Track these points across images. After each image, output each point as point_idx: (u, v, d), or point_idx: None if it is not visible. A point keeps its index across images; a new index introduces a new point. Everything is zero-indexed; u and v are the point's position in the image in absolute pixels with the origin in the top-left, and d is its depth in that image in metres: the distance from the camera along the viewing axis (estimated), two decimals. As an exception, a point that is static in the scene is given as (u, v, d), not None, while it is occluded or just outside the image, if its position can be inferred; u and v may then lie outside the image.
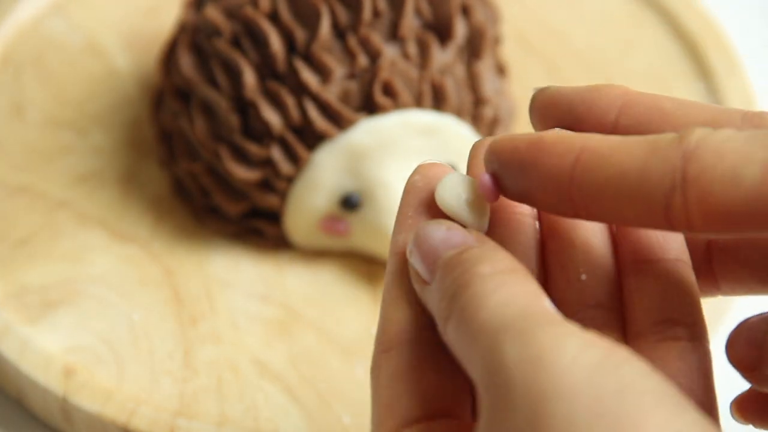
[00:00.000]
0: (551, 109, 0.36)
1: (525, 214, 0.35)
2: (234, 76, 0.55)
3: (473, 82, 0.56)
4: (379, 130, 0.54)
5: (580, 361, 0.29)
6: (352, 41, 0.54)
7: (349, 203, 0.55)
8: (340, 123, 0.54)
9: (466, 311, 0.31)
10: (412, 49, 0.55)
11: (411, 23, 0.55)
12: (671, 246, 0.35)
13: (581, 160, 0.32)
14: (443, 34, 0.56)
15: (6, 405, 0.54)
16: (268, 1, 0.55)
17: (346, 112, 0.54)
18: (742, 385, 0.38)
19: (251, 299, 0.55)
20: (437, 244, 0.34)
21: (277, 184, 0.55)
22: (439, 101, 0.55)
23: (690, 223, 0.31)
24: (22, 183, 0.59)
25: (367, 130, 0.54)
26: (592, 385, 0.28)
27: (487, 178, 0.34)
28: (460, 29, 0.56)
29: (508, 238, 0.35)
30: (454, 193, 0.35)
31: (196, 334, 0.54)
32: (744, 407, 0.37)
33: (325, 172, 0.55)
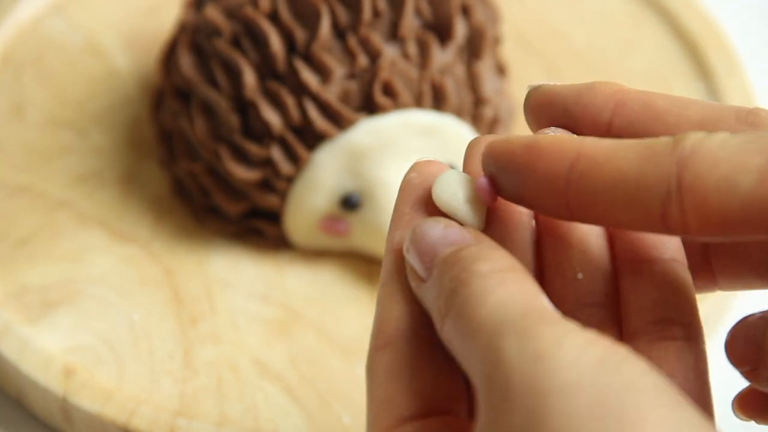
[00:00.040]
0: (546, 108, 0.36)
1: (522, 212, 0.35)
2: (234, 76, 0.55)
3: (473, 82, 0.56)
4: (379, 130, 0.54)
5: (580, 359, 0.29)
6: (352, 41, 0.54)
7: (349, 203, 0.55)
8: (340, 123, 0.54)
9: (465, 309, 0.31)
10: (412, 49, 0.55)
11: (411, 23, 0.55)
12: (667, 246, 0.35)
13: (577, 166, 0.32)
14: (443, 34, 0.56)
15: (6, 405, 0.54)
16: (268, 1, 0.55)
17: (346, 112, 0.54)
18: (744, 382, 0.38)
19: (251, 299, 0.55)
20: (434, 241, 0.33)
21: (277, 184, 0.55)
22: (439, 101, 0.55)
23: (686, 228, 0.31)
24: (22, 183, 0.59)
25: (367, 130, 0.54)
26: (593, 384, 0.28)
27: (484, 181, 0.34)
28: (460, 29, 0.56)
29: (504, 236, 0.35)
30: (450, 190, 0.35)
31: (196, 334, 0.54)
32: (746, 404, 0.38)
33: (325, 172, 0.55)
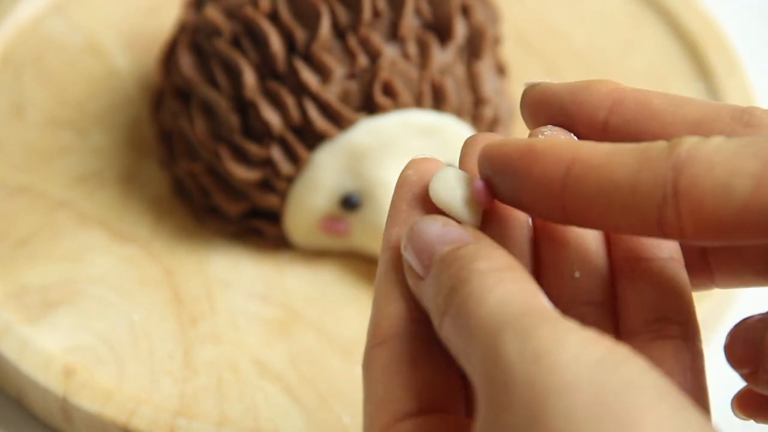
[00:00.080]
0: (542, 106, 0.36)
1: (518, 210, 0.35)
2: (234, 76, 0.55)
3: (473, 82, 0.56)
4: (379, 130, 0.54)
5: (581, 358, 0.29)
6: (352, 41, 0.54)
7: (349, 203, 0.55)
8: (340, 123, 0.54)
9: (464, 307, 0.31)
10: (412, 49, 0.55)
11: (411, 23, 0.55)
12: (664, 245, 0.35)
13: (572, 171, 0.32)
14: (443, 34, 0.56)
15: (6, 405, 0.54)
16: (268, 1, 0.55)
17: (346, 112, 0.54)
18: (743, 382, 0.38)
19: (251, 299, 0.55)
20: (432, 239, 0.33)
21: (277, 184, 0.55)
22: (439, 101, 0.55)
23: (682, 232, 0.31)
24: (22, 183, 0.59)
25: (367, 130, 0.54)
26: (593, 382, 0.28)
27: (480, 184, 0.34)
28: (460, 29, 0.56)
29: (501, 234, 0.35)
30: (448, 188, 0.35)
31: (196, 334, 0.54)
32: (745, 403, 0.38)
33: (325, 172, 0.55)
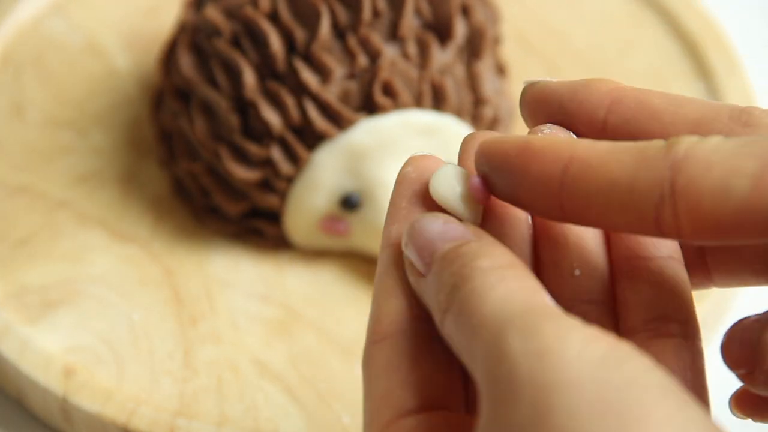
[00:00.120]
0: (541, 105, 0.36)
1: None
2: (234, 76, 0.55)
3: (473, 82, 0.56)
4: (379, 130, 0.54)
5: (584, 355, 0.29)
6: (352, 41, 0.54)
7: (349, 203, 0.55)
8: (340, 123, 0.54)
9: (467, 305, 0.31)
10: (412, 49, 0.55)
11: (411, 23, 0.55)
12: (664, 243, 0.35)
13: (570, 169, 0.32)
14: (443, 34, 0.56)
15: (6, 405, 0.54)
16: (268, 1, 0.55)
17: (346, 112, 0.54)
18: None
19: (251, 299, 0.55)
20: (434, 236, 0.33)
21: (277, 184, 0.55)
22: (439, 101, 0.55)
23: (680, 232, 0.31)
24: (22, 183, 0.59)
25: (367, 130, 0.54)
26: (597, 379, 0.28)
27: (477, 181, 0.34)
28: (460, 29, 0.56)
29: (501, 232, 0.35)
30: (448, 185, 0.35)
31: (196, 334, 0.54)
32: (742, 402, 0.38)
33: (325, 172, 0.55)
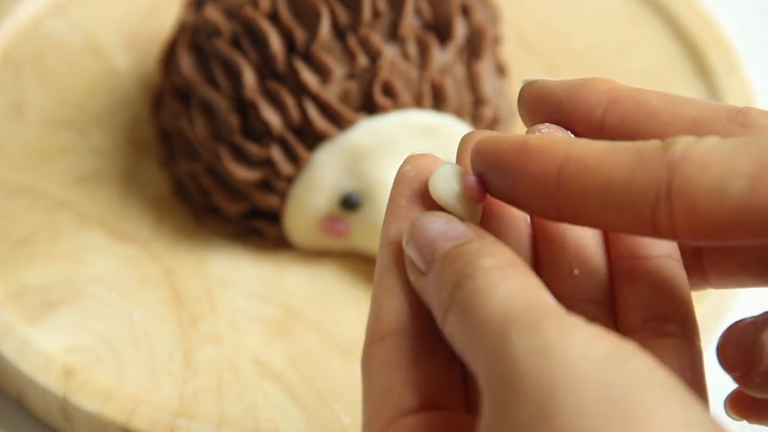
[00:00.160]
0: (539, 104, 0.36)
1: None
2: (234, 76, 0.55)
3: (473, 82, 0.56)
4: (379, 130, 0.54)
5: (588, 354, 0.29)
6: (352, 41, 0.54)
7: (349, 203, 0.55)
8: (340, 123, 0.54)
9: (470, 303, 0.31)
10: (412, 49, 0.55)
11: (411, 23, 0.55)
12: (662, 243, 0.35)
13: (566, 169, 0.32)
14: (443, 34, 0.56)
15: (6, 405, 0.54)
16: (268, 1, 0.55)
17: (346, 112, 0.54)
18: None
19: (251, 299, 0.55)
20: (435, 235, 0.33)
21: (277, 184, 0.55)
22: (439, 101, 0.55)
23: (676, 232, 0.31)
24: (22, 183, 0.59)
25: (367, 130, 0.54)
26: (601, 378, 0.28)
27: (472, 179, 0.34)
28: (460, 29, 0.56)
29: (500, 231, 0.35)
30: (447, 184, 0.35)
31: (196, 334, 0.54)
32: (738, 404, 0.37)
33: (325, 172, 0.55)
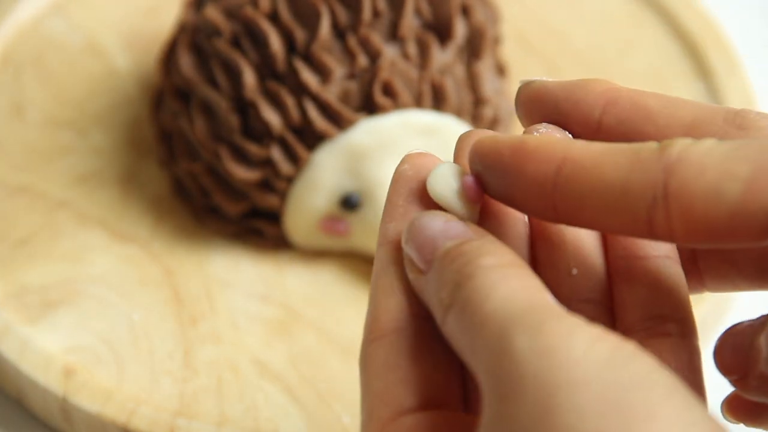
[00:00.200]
0: (537, 104, 0.36)
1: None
2: (234, 76, 0.55)
3: (473, 82, 0.56)
4: (379, 130, 0.54)
5: (590, 354, 0.29)
6: (352, 41, 0.54)
7: (349, 203, 0.55)
8: (340, 123, 0.54)
9: (470, 302, 0.31)
10: (412, 49, 0.55)
11: (411, 23, 0.55)
12: (660, 243, 0.35)
13: (563, 170, 0.32)
14: (443, 34, 0.56)
15: (6, 405, 0.54)
16: (268, 1, 0.55)
17: (346, 112, 0.54)
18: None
19: (251, 299, 0.55)
20: (435, 234, 0.33)
21: (277, 184, 0.55)
22: (439, 101, 0.55)
23: (672, 234, 0.31)
24: (22, 183, 0.59)
25: (367, 130, 0.54)
26: (603, 379, 0.28)
27: (470, 180, 0.34)
28: (460, 29, 0.56)
29: (498, 231, 0.35)
30: (446, 183, 0.35)
31: (196, 334, 0.54)
32: (734, 407, 0.37)
33: (325, 172, 0.55)
